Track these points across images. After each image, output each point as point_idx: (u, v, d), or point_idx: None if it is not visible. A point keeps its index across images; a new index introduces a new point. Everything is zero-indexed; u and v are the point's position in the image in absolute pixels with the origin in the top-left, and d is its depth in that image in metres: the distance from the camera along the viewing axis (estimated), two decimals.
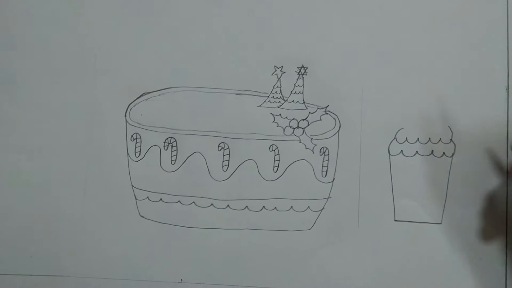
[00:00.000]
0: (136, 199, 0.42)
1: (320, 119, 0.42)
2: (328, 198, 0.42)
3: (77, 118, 0.43)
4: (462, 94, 0.42)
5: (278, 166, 0.42)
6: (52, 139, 0.42)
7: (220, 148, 0.42)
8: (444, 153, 0.42)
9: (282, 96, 0.43)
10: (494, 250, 0.41)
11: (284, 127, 0.42)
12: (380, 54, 0.43)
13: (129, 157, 0.42)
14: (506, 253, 0.41)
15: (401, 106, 0.42)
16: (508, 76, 0.42)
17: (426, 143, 0.42)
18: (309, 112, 0.43)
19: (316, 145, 0.42)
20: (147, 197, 0.42)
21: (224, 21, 0.43)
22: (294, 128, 0.42)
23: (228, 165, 0.42)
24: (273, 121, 0.42)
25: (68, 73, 0.43)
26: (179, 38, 0.43)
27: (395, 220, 0.42)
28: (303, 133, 0.42)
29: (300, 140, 0.42)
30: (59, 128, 0.42)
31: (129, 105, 0.43)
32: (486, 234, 0.41)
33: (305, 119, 0.42)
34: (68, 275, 0.42)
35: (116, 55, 0.43)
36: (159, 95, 0.43)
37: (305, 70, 0.43)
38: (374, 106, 0.42)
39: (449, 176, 0.42)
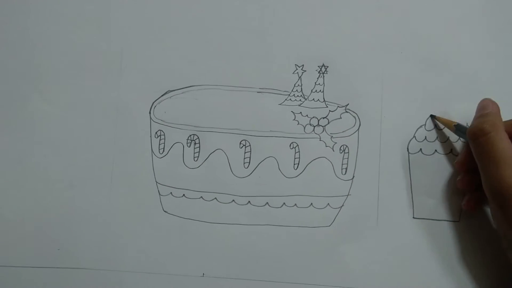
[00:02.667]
0: (159, 194, 0.43)
1: (340, 117, 0.43)
2: (347, 195, 0.43)
3: (103, 116, 0.43)
4: (480, 93, 0.42)
5: (298, 164, 0.43)
6: (79, 136, 0.43)
7: (241, 145, 0.43)
8: None
9: (303, 95, 0.43)
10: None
11: (304, 125, 0.43)
12: (400, 52, 0.43)
13: (153, 154, 0.43)
14: None
15: (420, 104, 0.43)
16: None
17: (445, 141, 0.43)
18: (330, 111, 0.43)
19: (336, 143, 0.43)
20: (171, 192, 0.43)
21: (246, 20, 0.44)
22: (314, 126, 0.43)
23: (249, 162, 0.43)
24: (294, 119, 0.43)
25: (94, 72, 0.44)
26: (202, 37, 0.44)
27: (413, 217, 0.42)
28: (323, 131, 0.43)
29: (320, 138, 0.43)
30: (86, 125, 0.43)
31: (153, 102, 0.43)
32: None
33: (325, 117, 0.43)
34: (94, 268, 0.43)
35: (141, 54, 0.44)
36: (182, 93, 0.43)
37: (326, 68, 0.43)
38: (394, 104, 0.43)
39: None
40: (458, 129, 0.40)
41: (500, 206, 0.35)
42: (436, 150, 0.43)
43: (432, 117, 0.42)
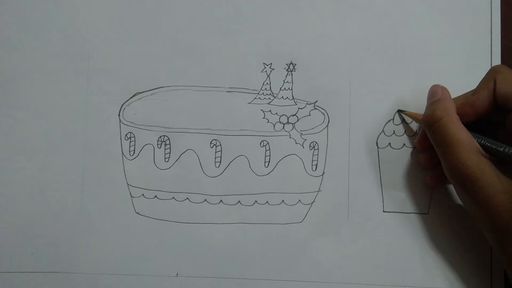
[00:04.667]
0: (131, 196, 0.43)
1: (310, 114, 0.43)
2: (318, 191, 0.43)
3: (71, 119, 0.43)
4: (447, 87, 0.42)
5: (269, 162, 0.43)
6: (48, 141, 0.43)
7: (212, 145, 0.43)
8: None
9: (272, 93, 0.43)
10: (480, 238, 0.42)
11: (274, 123, 0.43)
12: (367, 48, 0.43)
13: (123, 156, 0.43)
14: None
15: (388, 99, 0.43)
16: None
17: (413, 135, 0.43)
18: (299, 108, 0.43)
19: (305, 140, 0.43)
20: (142, 194, 0.43)
21: (214, 19, 0.44)
22: (284, 124, 0.43)
23: (220, 162, 0.43)
24: (264, 118, 0.43)
25: (61, 75, 0.44)
26: (170, 38, 0.44)
27: (383, 211, 0.43)
28: (293, 128, 0.43)
29: (290, 136, 0.43)
30: (55, 129, 0.43)
31: (122, 104, 0.43)
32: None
33: (294, 115, 0.43)
34: (68, 271, 0.43)
35: (109, 56, 0.44)
36: (151, 94, 0.43)
37: (294, 66, 0.43)
38: (362, 100, 0.43)
39: None
40: None
41: (463, 188, 0.36)
42: (404, 144, 0.43)
43: (400, 111, 0.43)
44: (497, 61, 0.43)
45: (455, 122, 0.37)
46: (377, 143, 0.43)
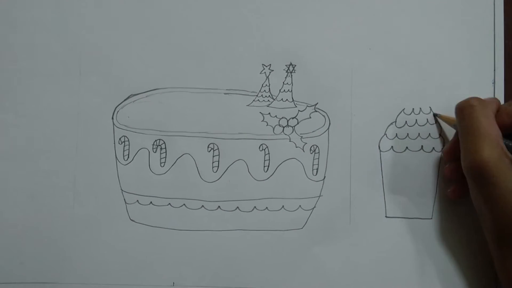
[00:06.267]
0: (125, 203, 0.42)
1: (310, 117, 0.42)
2: (319, 196, 0.42)
3: (63, 123, 0.42)
4: (450, 89, 0.42)
5: (268, 166, 0.42)
6: (38, 145, 0.42)
7: (209, 149, 0.42)
8: (433, 148, 0.42)
9: (271, 95, 0.42)
10: (485, 243, 0.41)
11: (273, 126, 0.42)
12: (368, 48, 0.43)
13: (117, 161, 0.42)
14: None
15: (390, 102, 0.42)
16: (494, 71, 0.42)
17: (415, 138, 0.42)
18: (299, 110, 0.42)
19: (306, 143, 0.42)
20: (137, 200, 0.42)
21: (210, 20, 0.43)
22: (283, 127, 0.42)
23: (218, 166, 0.42)
24: (263, 120, 0.42)
25: (52, 77, 0.42)
26: (165, 39, 0.42)
27: (386, 216, 0.42)
28: (292, 131, 0.42)
29: (290, 139, 0.42)
30: (46, 134, 0.42)
31: (115, 107, 0.42)
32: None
33: (294, 118, 0.42)
34: (59, 281, 0.41)
35: (100, 57, 0.42)
36: (146, 96, 0.42)
37: (294, 67, 0.42)
38: (363, 102, 0.42)
39: (438, 171, 0.42)
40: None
41: (476, 182, 0.35)
42: (407, 147, 0.42)
43: (435, 115, 0.42)
44: (500, 61, 0.42)
45: (488, 116, 0.36)
46: (379, 146, 0.42)
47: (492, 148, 0.35)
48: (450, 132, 0.42)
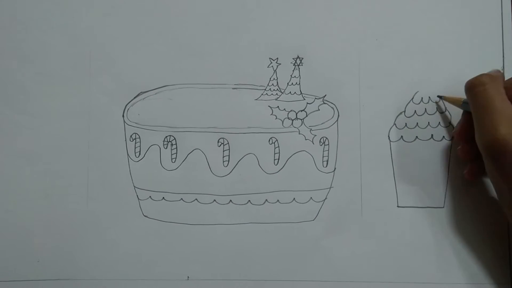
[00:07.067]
0: (138, 199, 0.42)
1: (318, 109, 0.42)
2: (330, 188, 0.42)
3: (75, 121, 0.42)
4: (459, 78, 0.41)
5: (278, 159, 0.42)
6: (51, 144, 0.42)
7: (219, 143, 0.42)
8: (443, 136, 0.42)
9: (279, 88, 0.42)
10: (498, 230, 0.41)
11: (282, 119, 0.42)
12: (375, 39, 0.42)
13: (129, 158, 0.42)
14: (509, 234, 0.41)
15: (399, 91, 0.42)
16: (503, 58, 0.42)
17: (425, 127, 0.42)
18: (307, 103, 0.42)
19: (315, 135, 0.42)
20: (150, 196, 0.42)
21: (216, 16, 0.43)
22: (292, 120, 0.42)
23: (228, 160, 0.42)
24: (271, 114, 0.42)
25: (62, 77, 0.43)
26: (173, 36, 0.43)
27: (398, 206, 0.42)
28: (302, 124, 0.42)
29: (299, 132, 0.42)
30: (58, 132, 0.42)
31: (126, 105, 0.42)
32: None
33: (303, 110, 0.42)
34: (75, 278, 0.42)
35: (110, 56, 0.43)
36: (155, 93, 0.42)
37: (301, 60, 0.42)
38: (372, 93, 0.42)
39: (449, 159, 0.42)
40: (466, 106, 0.39)
41: (492, 159, 0.35)
42: (417, 137, 0.42)
43: (440, 97, 0.42)
44: (509, 50, 0.42)
45: (501, 92, 0.35)
46: (389, 136, 0.42)
47: (508, 124, 0.34)
48: (458, 118, 0.41)
